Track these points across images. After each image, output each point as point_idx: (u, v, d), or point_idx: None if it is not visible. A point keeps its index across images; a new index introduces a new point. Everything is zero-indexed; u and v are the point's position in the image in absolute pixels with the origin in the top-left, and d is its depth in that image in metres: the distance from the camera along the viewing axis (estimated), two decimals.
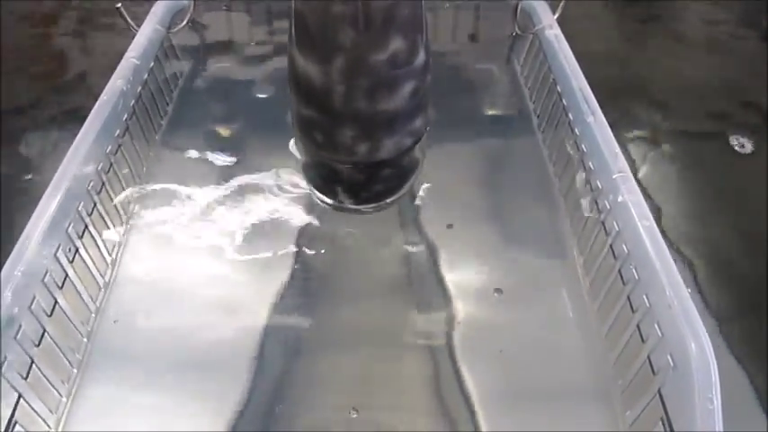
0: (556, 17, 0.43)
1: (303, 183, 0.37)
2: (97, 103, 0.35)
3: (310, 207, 0.37)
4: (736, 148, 0.44)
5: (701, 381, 0.23)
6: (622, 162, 0.31)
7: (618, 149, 0.32)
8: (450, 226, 0.36)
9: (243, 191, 0.38)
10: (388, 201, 0.36)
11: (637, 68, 0.52)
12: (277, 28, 0.48)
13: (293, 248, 0.34)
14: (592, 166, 0.33)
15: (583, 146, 0.34)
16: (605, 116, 0.34)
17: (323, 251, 0.34)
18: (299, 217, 0.36)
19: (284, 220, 0.36)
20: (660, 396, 0.25)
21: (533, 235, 0.35)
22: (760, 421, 0.30)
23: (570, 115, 0.36)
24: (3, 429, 0.24)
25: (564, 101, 0.37)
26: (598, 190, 0.32)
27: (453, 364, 0.30)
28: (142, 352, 0.30)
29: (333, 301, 0.33)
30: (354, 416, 0.28)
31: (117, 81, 0.36)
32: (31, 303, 0.26)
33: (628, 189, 0.30)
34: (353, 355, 0.30)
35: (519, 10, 0.44)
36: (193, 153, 0.40)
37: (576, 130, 0.35)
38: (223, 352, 0.30)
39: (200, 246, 0.35)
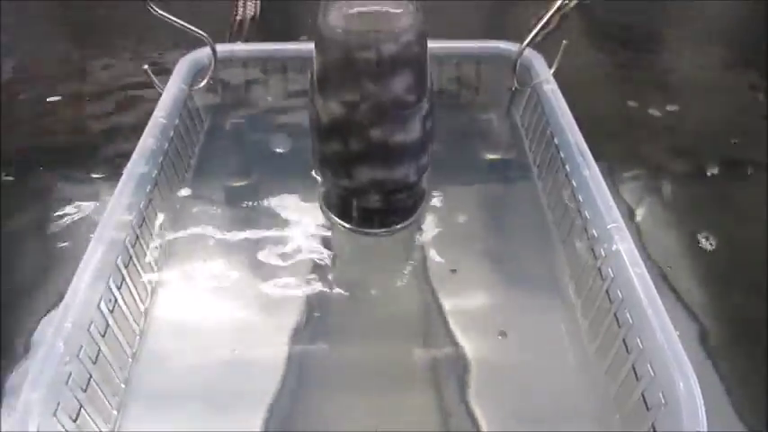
0: (552, 71, 0.46)
1: (320, 229, 0.41)
2: (130, 162, 0.38)
3: (326, 250, 0.40)
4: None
5: (688, 417, 0.26)
6: (616, 213, 0.34)
7: (612, 201, 0.35)
8: (453, 271, 0.39)
9: (263, 235, 0.41)
10: (398, 226, 0.41)
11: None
12: (291, 83, 0.51)
13: (310, 288, 0.37)
14: (588, 216, 0.36)
15: (579, 196, 0.37)
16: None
17: (337, 291, 0.37)
18: (314, 258, 0.39)
19: (302, 262, 0.39)
20: (654, 430, 0.28)
21: (534, 280, 0.38)
22: None
23: (567, 167, 0.39)
24: None
25: (561, 153, 0.40)
26: (594, 238, 0.35)
27: (462, 402, 0.32)
28: (171, 392, 0.33)
29: (345, 339, 0.35)
30: None
31: (147, 140, 0.39)
32: (79, 352, 0.29)
33: (621, 238, 0.33)
34: (365, 392, 0.33)
35: (518, 65, 0.47)
36: (216, 203, 0.43)
37: (573, 182, 0.38)
38: (244, 389, 0.33)
39: (224, 287, 0.38)
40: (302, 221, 0.42)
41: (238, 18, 0.55)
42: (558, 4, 0.48)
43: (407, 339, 0.35)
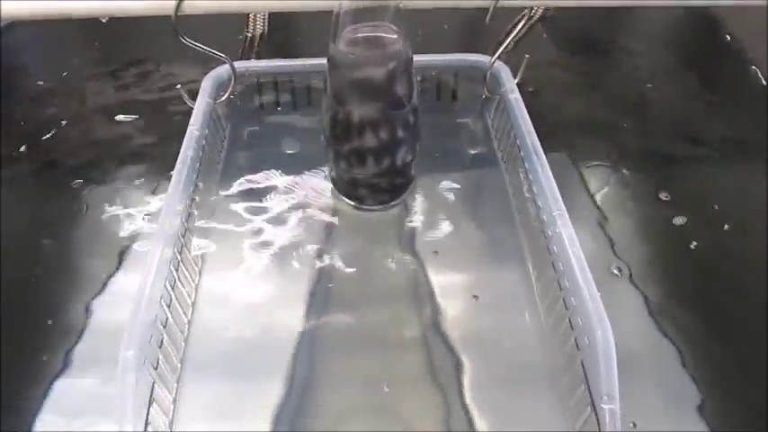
0: (516, 81, 0.56)
1: (328, 212, 0.52)
2: (176, 170, 0.47)
3: (333, 229, 0.50)
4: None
5: (604, 354, 0.35)
6: (560, 203, 0.43)
7: (558, 194, 0.44)
8: (435, 252, 0.49)
9: (282, 221, 0.51)
10: (392, 203, 0.52)
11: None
12: (298, 94, 0.60)
13: (319, 264, 0.48)
14: (540, 204, 0.45)
15: (534, 188, 0.47)
16: None
17: (343, 265, 0.47)
18: (325, 236, 0.50)
19: (314, 239, 0.50)
20: (582, 365, 0.38)
21: (500, 255, 0.48)
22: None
23: (526, 164, 0.49)
24: (148, 400, 0.36)
25: (521, 153, 0.50)
26: (544, 222, 0.44)
27: (446, 351, 0.42)
28: (215, 350, 0.43)
29: (350, 305, 0.45)
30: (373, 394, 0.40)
31: (187, 151, 0.49)
32: (155, 320, 0.39)
33: (563, 223, 0.42)
34: (367, 348, 0.43)
35: (488, 76, 0.56)
36: (242, 197, 0.53)
37: (530, 176, 0.48)
38: (270, 354, 0.43)
39: (252, 267, 0.48)
40: (313, 207, 0.52)
41: (249, 35, 0.63)
42: (524, 22, 0.57)
43: (400, 303, 0.46)
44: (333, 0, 0.43)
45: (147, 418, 0.36)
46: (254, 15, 0.64)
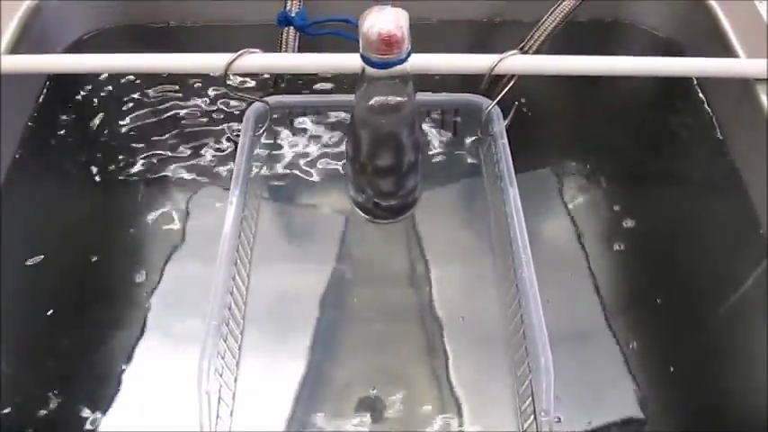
0: (505, 124, 0.67)
1: (347, 224, 0.66)
2: (229, 198, 0.59)
3: (349, 237, 0.65)
4: None
5: (546, 378, 0.48)
6: (525, 239, 0.55)
7: (524, 229, 0.55)
8: (432, 257, 0.63)
9: (312, 225, 0.66)
10: (399, 218, 0.65)
11: None
12: (324, 125, 0.72)
13: (336, 251, 0.63)
14: (510, 235, 0.57)
15: (507, 221, 0.58)
16: None
17: (356, 254, 0.63)
18: (342, 240, 0.65)
19: (334, 242, 0.64)
20: (530, 383, 0.51)
21: (483, 268, 0.62)
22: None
23: (505, 207, 0.60)
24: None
25: (503, 196, 0.62)
26: (512, 251, 0.56)
27: (435, 321, 0.58)
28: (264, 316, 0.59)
29: (361, 285, 0.61)
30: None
31: (235, 191, 0.61)
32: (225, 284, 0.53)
33: (525, 255, 0.54)
34: (378, 316, 0.59)
35: (484, 119, 0.67)
36: (279, 208, 0.68)
37: (505, 209, 0.59)
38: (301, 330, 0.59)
39: (290, 252, 0.64)
40: (336, 216, 0.67)
41: None
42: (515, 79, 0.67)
43: (402, 285, 0.62)
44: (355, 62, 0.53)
45: (218, 412, 0.50)
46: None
